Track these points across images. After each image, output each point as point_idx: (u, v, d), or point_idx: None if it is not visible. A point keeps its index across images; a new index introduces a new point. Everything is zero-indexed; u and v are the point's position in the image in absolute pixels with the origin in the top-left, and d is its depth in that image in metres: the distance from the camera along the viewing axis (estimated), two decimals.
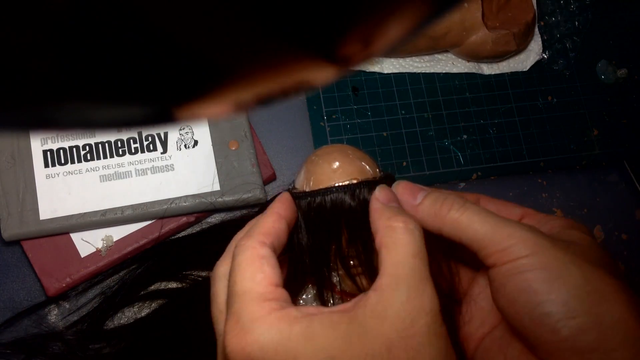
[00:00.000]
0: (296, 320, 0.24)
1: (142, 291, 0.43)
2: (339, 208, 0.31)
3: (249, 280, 0.26)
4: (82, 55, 0.10)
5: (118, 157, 0.44)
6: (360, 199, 0.31)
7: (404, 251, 0.26)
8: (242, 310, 0.25)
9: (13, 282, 0.43)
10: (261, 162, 0.46)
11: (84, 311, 0.42)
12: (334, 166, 0.31)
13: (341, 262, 0.31)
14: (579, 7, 0.55)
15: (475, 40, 0.49)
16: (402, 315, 0.24)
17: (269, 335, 0.24)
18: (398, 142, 0.49)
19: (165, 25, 0.09)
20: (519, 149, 0.51)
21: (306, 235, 0.31)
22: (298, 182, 0.32)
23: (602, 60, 0.54)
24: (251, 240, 0.27)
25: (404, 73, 0.51)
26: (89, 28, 0.09)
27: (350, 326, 0.24)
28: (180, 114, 0.12)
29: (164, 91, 0.11)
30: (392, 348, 0.24)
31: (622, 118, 0.53)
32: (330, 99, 0.50)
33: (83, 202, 0.43)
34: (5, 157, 0.43)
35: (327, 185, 0.31)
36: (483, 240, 0.27)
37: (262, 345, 0.24)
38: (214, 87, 0.11)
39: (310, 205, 0.31)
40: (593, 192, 0.51)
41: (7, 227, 0.41)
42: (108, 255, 0.43)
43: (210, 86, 0.11)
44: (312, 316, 0.25)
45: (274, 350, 0.24)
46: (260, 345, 0.24)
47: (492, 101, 0.52)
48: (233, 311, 0.25)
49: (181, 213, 0.44)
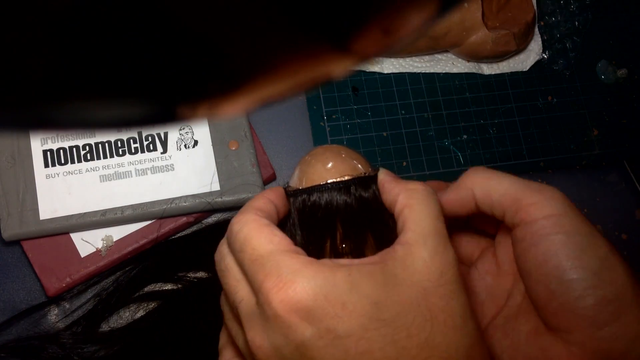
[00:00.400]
0: (336, 268, 0.25)
1: (137, 293, 0.43)
2: (332, 204, 0.31)
3: (269, 242, 0.26)
4: (82, 54, 0.10)
5: (118, 157, 0.44)
6: (354, 195, 0.31)
7: (428, 210, 0.27)
8: (280, 265, 0.25)
9: (13, 282, 0.43)
10: (261, 162, 0.46)
11: (79, 313, 0.42)
12: (327, 166, 0.31)
13: (336, 258, 0.31)
14: (579, 7, 0.55)
15: (475, 40, 0.49)
16: (431, 268, 0.25)
17: (316, 283, 0.24)
18: (398, 142, 0.49)
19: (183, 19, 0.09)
20: (519, 149, 0.51)
21: (300, 231, 0.31)
22: (292, 182, 0.33)
23: (602, 60, 0.54)
24: (248, 214, 0.27)
25: (404, 73, 0.51)
26: (89, 27, 0.09)
27: (385, 276, 0.25)
28: (194, 112, 0.12)
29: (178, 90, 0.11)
30: (428, 295, 0.25)
31: (622, 118, 0.53)
32: (330, 99, 0.50)
33: (83, 202, 0.43)
34: (5, 157, 0.43)
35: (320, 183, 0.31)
36: (516, 194, 0.28)
37: (312, 292, 0.24)
38: (230, 84, 0.11)
39: (305, 202, 0.31)
40: (593, 192, 0.51)
41: (7, 227, 0.41)
42: (108, 255, 0.43)
43: (226, 84, 0.11)
44: (349, 266, 0.25)
45: (324, 296, 0.24)
46: (310, 293, 0.24)
47: (492, 101, 0.52)
48: (268, 271, 0.25)
49: (181, 213, 0.44)
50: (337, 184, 0.31)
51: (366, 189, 0.31)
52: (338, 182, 0.31)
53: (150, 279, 0.43)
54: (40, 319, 0.42)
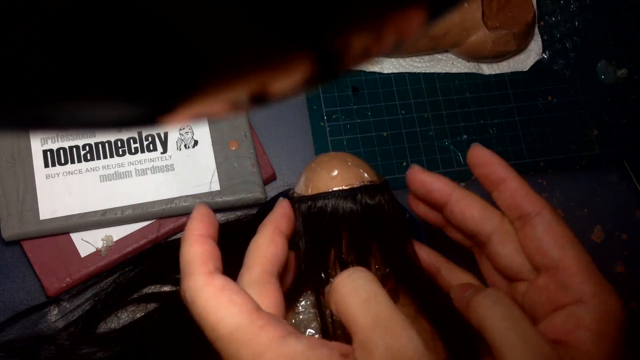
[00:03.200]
0: (295, 356, 0.22)
1: (135, 294, 0.43)
2: (338, 211, 0.31)
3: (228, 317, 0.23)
4: (82, 54, 0.10)
5: (118, 157, 0.44)
6: (361, 203, 0.31)
7: (356, 301, 0.24)
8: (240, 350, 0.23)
9: (13, 282, 0.43)
10: (261, 162, 0.46)
11: (77, 314, 0.42)
12: (332, 174, 0.31)
13: (341, 267, 0.31)
14: (579, 7, 0.55)
15: (475, 40, 0.49)
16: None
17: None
18: (398, 142, 0.49)
19: (164, 21, 0.09)
20: (519, 149, 0.51)
21: (304, 240, 0.31)
22: (297, 189, 0.32)
23: (602, 60, 0.54)
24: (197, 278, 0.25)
25: (404, 73, 0.51)
26: (88, 27, 0.09)
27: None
28: (178, 114, 0.12)
29: (162, 90, 0.11)
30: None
31: (622, 118, 0.53)
32: (330, 99, 0.50)
33: (83, 202, 0.43)
34: (5, 157, 0.43)
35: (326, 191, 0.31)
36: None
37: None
38: (208, 84, 0.11)
39: (310, 209, 0.31)
40: (593, 192, 0.51)
41: (7, 227, 0.41)
42: (108, 255, 0.43)
43: (204, 84, 0.11)
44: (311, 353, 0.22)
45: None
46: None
47: (492, 101, 0.52)
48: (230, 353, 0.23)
49: (181, 213, 0.44)
50: (344, 191, 0.31)
51: (372, 197, 0.31)
52: (344, 190, 0.31)
53: (149, 281, 0.43)
54: (40, 319, 0.42)
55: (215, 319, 0.23)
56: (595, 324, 0.25)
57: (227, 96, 0.12)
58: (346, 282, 0.24)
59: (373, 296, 0.24)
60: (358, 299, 0.23)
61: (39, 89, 0.10)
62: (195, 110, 0.12)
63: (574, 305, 0.26)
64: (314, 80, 0.12)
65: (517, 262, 0.29)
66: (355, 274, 0.25)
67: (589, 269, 0.26)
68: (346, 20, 0.11)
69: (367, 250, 0.31)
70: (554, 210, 0.29)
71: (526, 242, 0.28)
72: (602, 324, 0.25)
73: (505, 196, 0.29)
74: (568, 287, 0.26)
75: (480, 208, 0.30)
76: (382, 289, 0.24)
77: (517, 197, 0.29)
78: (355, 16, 0.11)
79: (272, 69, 0.11)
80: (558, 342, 0.25)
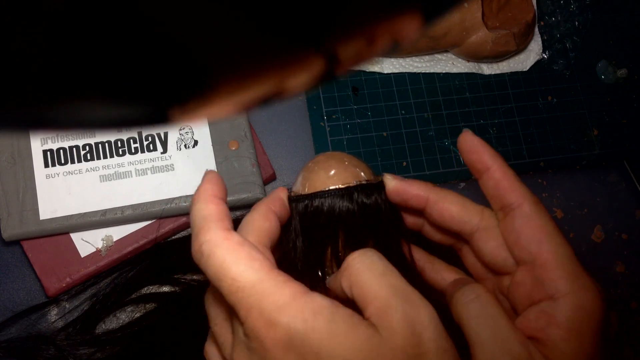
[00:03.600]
0: (320, 311, 0.23)
1: (134, 295, 0.43)
2: (334, 210, 0.31)
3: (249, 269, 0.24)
4: (81, 54, 0.10)
5: (118, 157, 0.44)
6: (357, 201, 0.31)
7: (372, 274, 0.25)
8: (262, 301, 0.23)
9: (13, 282, 0.43)
10: (261, 162, 0.46)
11: (76, 314, 0.42)
12: (330, 173, 0.31)
13: (337, 266, 0.31)
14: (579, 7, 0.55)
15: (475, 40, 0.49)
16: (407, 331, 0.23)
17: (295, 326, 0.23)
18: (398, 142, 0.49)
19: (161, 24, 0.09)
20: (519, 149, 0.51)
21: (301, 237, 0.31)
22: (295, 188, 0.33)
23: (602, 60, 0.54)
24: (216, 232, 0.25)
25: (404, 73, 0.51)
26: (88, 28, 0.09)
27: (369, 330, 0.23)
28: (179, 114, 0.12)
29: (162, 91, 0.11)
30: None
31: (622, 118, 0.53)
32: (330, 99, 0.50)
33: (83, 202, 0.43)
34: (5, 157, 0.43)
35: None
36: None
37: (289, 336, 0.23)
38: (210, 87, 0.11)
39: (307, 207, 0.31)
40: (593, 192, 0.51)
41: (7, 227, 0.41)
42: (108, 255, 0.43)
43: (206, 86, 0.11)
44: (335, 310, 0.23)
45: (301, 342, 0.23)
46: (288, 335, 0.23)
47: (492, 101, 0.52)
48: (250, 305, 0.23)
49: (181, 213, 0.44)
50: (340, 190, 0.31)
51: (369, 196, 0.31)
52: (341, 189, 0.31)
53: (148, 281, 0.43)
54: (40, 320, 0.42)
55: (237, 271, 0.23)
56: (567, 321, 0.25)
57: (227, 97, 0.12)
58: (361, 258, 0.26)
59: (389, 270, 0.25)
60: (374, 272, 0.25)
61: (41, 88, 0.10)
62: (199, 113, 0.12)
63: (547, 302, 0.25)
64: (312, 83, 0.13)
65: (501, 257, 0.28)
66: (368, 252, 0.26)
67: (567, 264, 0.26)
68: (342, 25, 0.11)
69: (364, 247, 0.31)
70: (537, 202, 0.28)
71: (506, 234, 0.28)
72: (574, 321, 0.24)
73: (488, 185, 0.29)
74: (543, 283, 0.26)
75: (459, 208, 0.30)
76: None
77: (499, 187, 0.29)
78: (351, 21, 0.11)
79: (272, 70, 0.11)
80: (532, 339, 0.25)
